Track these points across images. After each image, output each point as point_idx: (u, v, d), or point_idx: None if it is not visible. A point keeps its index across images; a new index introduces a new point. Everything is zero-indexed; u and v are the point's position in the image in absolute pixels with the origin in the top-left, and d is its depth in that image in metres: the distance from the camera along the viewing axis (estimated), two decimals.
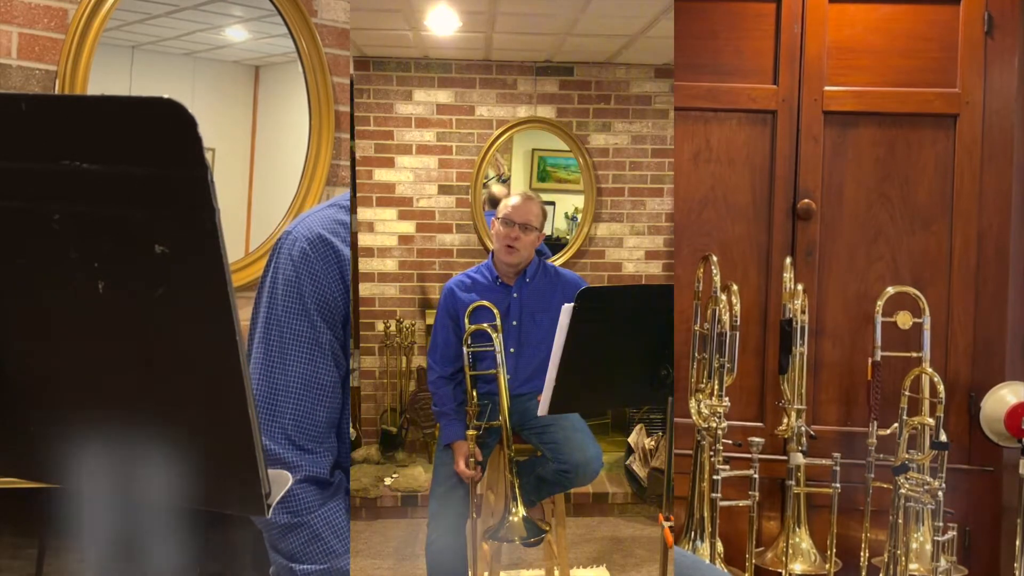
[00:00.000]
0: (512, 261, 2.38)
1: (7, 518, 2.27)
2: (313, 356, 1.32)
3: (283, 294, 1.32)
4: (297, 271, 1.32)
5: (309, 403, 1.31)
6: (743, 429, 2.45)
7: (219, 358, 0.66)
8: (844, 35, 2.55)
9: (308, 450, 1.31)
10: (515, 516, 2.12)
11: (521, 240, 2.36)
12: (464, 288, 2.42)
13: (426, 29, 3.68)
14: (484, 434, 2.29)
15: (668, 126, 4.20)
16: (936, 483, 2.22)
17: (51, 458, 0.78)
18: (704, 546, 2.35)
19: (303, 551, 1.30)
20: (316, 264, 1.32)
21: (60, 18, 2.32)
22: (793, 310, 2.41)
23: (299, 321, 1.32)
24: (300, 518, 1.29)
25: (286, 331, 1.32)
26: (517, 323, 2.41)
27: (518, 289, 2.41)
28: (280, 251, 1.34)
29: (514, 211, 2.36)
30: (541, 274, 2.45)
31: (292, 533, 1.29)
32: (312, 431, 1.32)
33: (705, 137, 2.59)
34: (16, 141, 0.64)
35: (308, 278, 1.32)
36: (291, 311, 1.32)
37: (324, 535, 1.30)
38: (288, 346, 1.31)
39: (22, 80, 2.29)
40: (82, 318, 0.69)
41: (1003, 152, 2.50)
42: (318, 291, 1.32)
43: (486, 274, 2.44)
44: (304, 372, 1.32)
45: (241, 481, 0.71)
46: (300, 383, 1.31)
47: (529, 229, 2.36)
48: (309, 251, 1.32)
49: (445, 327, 2.39)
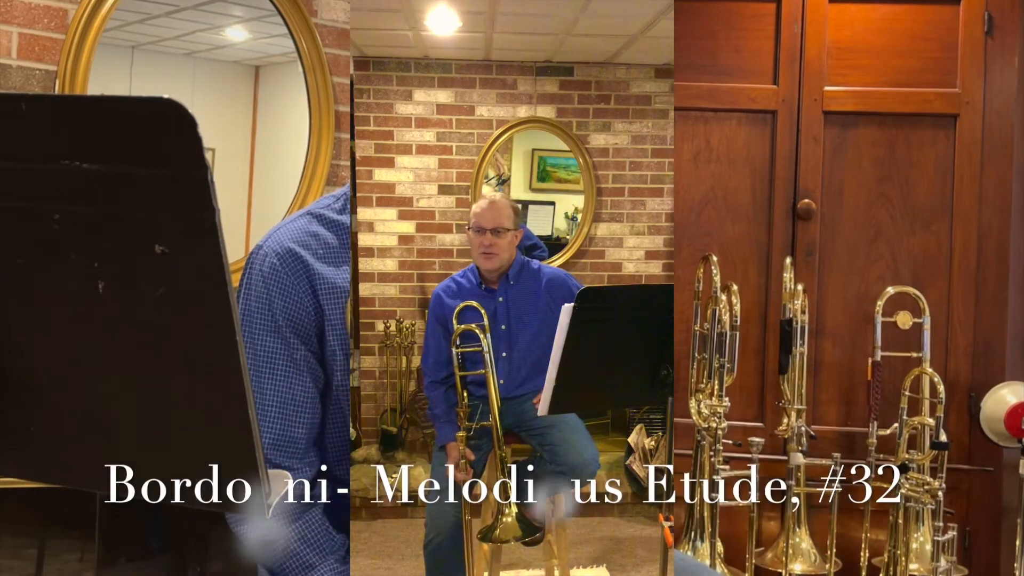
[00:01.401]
0: (492, 267, 2.39)
1: (7, 518, 2.27)
2: (288, 373, 1.30)
3: (255, 311, 1.30)
4: (267, 287, 1.30)
5: (286, 421, 1.29)
6: (743, 429, 2.45)
7: (219, 358, 0.66)
8: (844, 35, 2.55)
9: (285, 467, 1.29)
10: (508, 516, 2.11)
11: (497, 244, 2.36)
12: (450, 294, 2.42)
13: (426, 29, 3.68)
14: (478, 435, 2.29)
15: (668, 126, 4.20)
16: (936, 483, 2.22)
17: (51, 458, 0.77)
18: (704, 546, 2.35)
19: (282, 566, 1.29)
20: (286, 278, 1.30)
21: (60, 18, 2.32)
22: (793, 310, 2.40)
23: (272, 339, 1.30)
24: (273, 534, 1.28)
25: (259, 350, 1.29)
26: (506, 327, 2.41)
27: (503, 292, 2.41)
28: (252, 267, 1.32)
29: (481, 217, 2.36)
30: (525, 274, 2.44)
31: (269, 549, 1.28)
32: (290, 448, 1.30)
33: (705, 137, 2.59)
34: (16, 141, 0.64)
35: (278, 293, 1.29)
36: (263, 329, 1.29)
37: (297, 549, 1.29)
38: (262, 365, 1.29)
39: (22, 80, 2.29)
40: (82, 318, 0.69)
41: (1003, 152, 2.50)
42: (289, 306, 1.30)
43: (471, 278, 2.44)
44: (280, 390, 1.30)
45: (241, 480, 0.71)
46: (276, 402, 1.29)
47: (502, 232, 2.36)
48: (279, 265, 1.30)
49: (436, 333, 2.40)
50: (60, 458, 0.77)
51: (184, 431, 0.72)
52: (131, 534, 2.40)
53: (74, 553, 2.36)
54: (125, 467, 0.74)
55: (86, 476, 0.78)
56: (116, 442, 0.75)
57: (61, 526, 2.34)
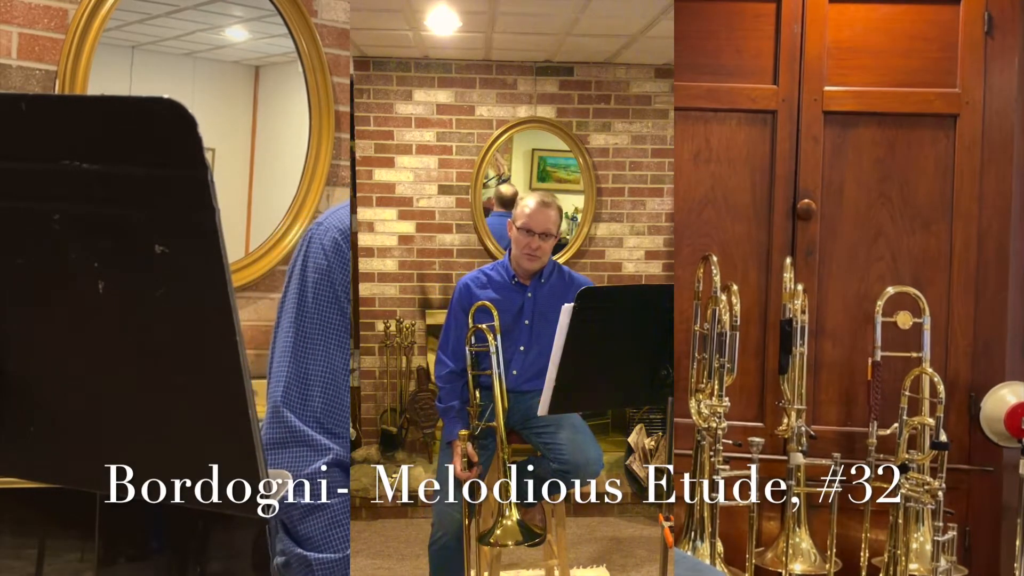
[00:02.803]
0: (534, 268, 2.41)
1: (7, 518, 2.27)
2: (341, 344, 1.37)
3: (314, 283, 1.36)
4: (329, 261, 1.37)
5: (336, 389, 1.36)
6: (743, 429, 2.45)
7: (219, 358, 0.66)
8: (844, 35, 2.55)
9: (336, 434, 1.34)
10: (509, 520, 2.10)
11: (543, 248, 2.37)
12: (480, 285, 2.43)
13: (426, 29, 3.68)
14: (484, 434, 2.29)
15: (668, 126, 4.20)
16: (936, 483, 2.22)
17: (51, 458, 0.77)
18: (704, 546, 2.35)
19: (322, 536, 1.31)
20: (347, 255, 1.38)
21: (60, 18, 2.32)
22: (793, 310, 2.41)
23: (331, 310, 1.36)
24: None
25: (318, 320, 1.36)
26: (529, 322, 2.42)
27: (533, 289, 2.43)
28: (311, 241, 1.39)
29: (532, 220, 2.35)
30: (556, 275, 2.46)
31: (313, 516, 1.31)
32: (339, 416, 1.36)
33: (705, 137, 2.59)
34: (16, 141, 0.64)
35: (339, 269, 1.37)
36: (324, 300, 1.36)
37: (342, 521, 1.33)
38: (319, 335, 1.36)
39: (22, 80, 2.29)
40: (82, 318, 0.69)
41: (1003, 152, 2.50)
42: (345, 283, 1.37)
43: (503, 272, 2.45)
44: (332, 360, 1.36)
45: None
46: (329, 370, 1.36)
47: (549, 237, 2.37)
48: (341, 242, 1.38)
49: (459, 322, 2.39)
50: (60, 458, 0.77)
51: (184, 431, 0.72)
52: (131, 534, 2.40)
53: (74, 553, 2.36)
54: (125, 467, 0.74)
55: (86, 476, 0.78)
56: (116, 442, 0.75)
57: (61, 526, 2.34)
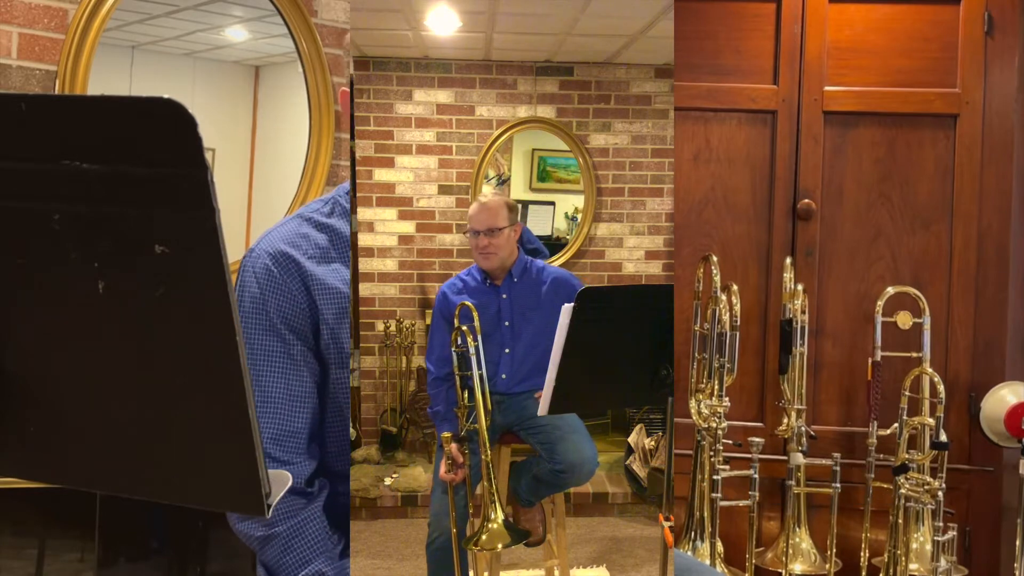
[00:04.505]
0: (492, 266, 2.41)
1: (7, 518, 2.27)
2: (285, 369, 1.35)
3: (251, 310, 1.35)
4: (261, 287, 1.35)
5: (285, 416, 1.34)
6: (743, 429, 2.45)
7: (219, 358, 0.66)
8: (844, 35, 2.55)
9: (285, 462, 1.33)
10: (494, 523, 2.09)
11: (493, 244, 2.38)
12: (456, 291, 2.45)
13: (426, 29, 3.68)
14: (472, 436, 2.29)
15: (668, 126, 4.20)
16: (936, 483, 2.22)
17: (51, 458, 0.77)
18: (704, 546, 2.35)
19: (278, 562, 1.32)
20: (279, 278, 1.35)
21: (60, 18, 2.32)
22: (793, 310, 2.40)
23: (268, 336, 1.35)
24: (272, 529, 1.31)
25: (256, 348, 1.35)
26: (509, 323, 2.42)
27: (507, 289, 2.43)
28: (245, 268, 1.38)
29: (473, 220, 2.39)
30: (528, 272, 2.46)
31: (267, 545, 1.32)
32: (290, 443, 1.34)
33: (705, 137, 2.59)
34: (16, 141, 0.64)
35: (272, 293, 1.35)
36: (259, 327, 1.35)
37: (295, 546, 1.32)
38: (260, 362, 1.35)
39: (22, 80, 2.29)
40: (82, 318, 0.69)
41: (1003, 152, 2.50)
42: (283, 304, 1.35)
43: (476, 276, 2.46)
44: (278, 386, 1.34)
45: (241, 481, 0.71)
46: (275, 397, 1.34)
47: (496, 232, 2.38)
48: (272, 266, 1.36)
49: (440, 329, 2.42)
50: (60, 458, 0.77)
51: (184, 431, 0.72)
52: (131, 534, 2.40)
53: (74, 553, 2.36)
54: (125, 467, 0.74)
55: (86, 476, 0.78)
56: (116, 442, 0.75)
57: (61, 526, 2.34)
